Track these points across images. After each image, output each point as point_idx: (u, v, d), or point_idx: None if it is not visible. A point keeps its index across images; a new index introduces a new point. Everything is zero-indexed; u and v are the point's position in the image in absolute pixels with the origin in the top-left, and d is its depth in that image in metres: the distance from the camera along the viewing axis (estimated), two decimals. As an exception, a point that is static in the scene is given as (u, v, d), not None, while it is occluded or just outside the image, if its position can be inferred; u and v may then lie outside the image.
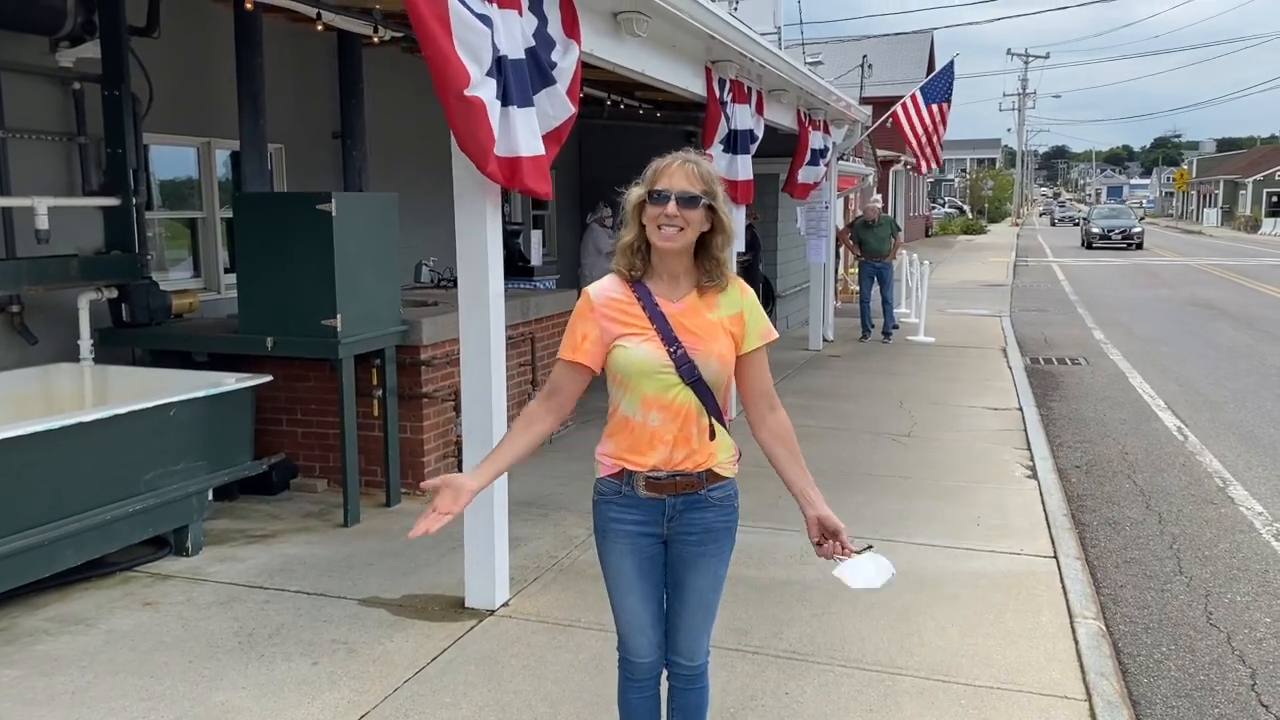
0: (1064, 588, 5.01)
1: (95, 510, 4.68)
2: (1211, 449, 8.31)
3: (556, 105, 4.67)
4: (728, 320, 2.73)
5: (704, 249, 2.71)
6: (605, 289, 2.76)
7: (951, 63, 14.48)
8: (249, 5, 6.29)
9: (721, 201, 2.70)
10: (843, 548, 2.80)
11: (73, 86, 6.16)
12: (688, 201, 2.63)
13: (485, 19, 4.06)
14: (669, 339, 2.68)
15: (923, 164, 14.82)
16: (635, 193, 2.72)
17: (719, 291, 2.74)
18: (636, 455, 2.74)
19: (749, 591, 4.88)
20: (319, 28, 7.04)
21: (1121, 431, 8.97)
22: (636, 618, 2.85)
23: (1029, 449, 7.82)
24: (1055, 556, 5.45)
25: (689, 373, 2.67)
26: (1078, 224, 60.44)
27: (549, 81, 4.60)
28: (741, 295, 2.77)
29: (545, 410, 2.78)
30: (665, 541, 2.82)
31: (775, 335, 2.83)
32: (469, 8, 3.96)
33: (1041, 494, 6.61)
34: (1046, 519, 6.10)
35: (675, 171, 2.66)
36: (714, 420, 2.74)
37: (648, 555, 2.80)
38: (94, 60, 6.02)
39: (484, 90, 3.98)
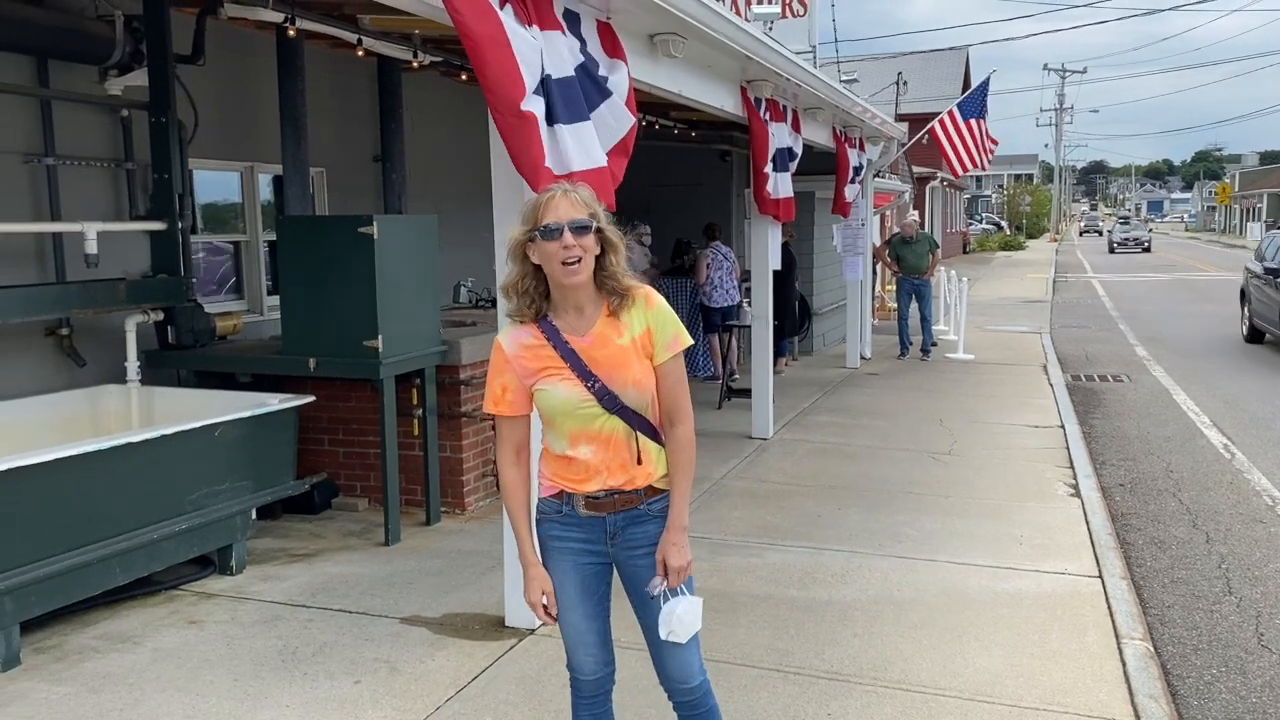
0: (1110, 608, 4.93)
1: (142, 530, 4.76)
2: (1259, 466, 8.16)
3: (618, 116, 4.67)
4: (638, 340, 2.71)
5: (600, 270, 2.69)
6: (516, 337, 2.75)
7: (988, 79, 14.41)
8: (291, 32, 6.40)
9: (605, 221, 2.69)
10: (667, 584, 2.75)
11: (121, 114, 6.30)
12: (580, 229, 2.60)
13: (532, 39, 4.10)
14: (584, 374, 2.67)
15: (965, 165, 14.62)
16: (518, 231, 2.67)
17: (625, 309, 2.71)
18: (573, 483, 2.77)
19: (791, 612, 4.85)
20: (360, 53, 7.15)
21: (1166, 449, 8.83)
22: (579, 634, 2.86)
23: (1071, 467, 7.72)
24: (1100, 576, 5.38)
25: (611, 403, 2.68)
26: (1101, 234, 74.53)
27: (606, 94, 4.61)
28: (647, 309, 2.73)
29: (523, 473, 2.83)
30: (613, 563, 2.83)
31: (684, 343, 2.77)
32: (515, 26, 4.00)
33: (1085, 512, 6.52)
34: (1091, 538, 6.02)
35: (560, 203, 2.63)
36: (647, 439, 2.75)
37: (591, 573, 2.82)
38: (141, 88, 6.16)
39: (535, 106, 4.01)
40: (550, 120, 4.20)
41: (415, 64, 7.60)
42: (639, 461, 2.74)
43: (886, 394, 11.02)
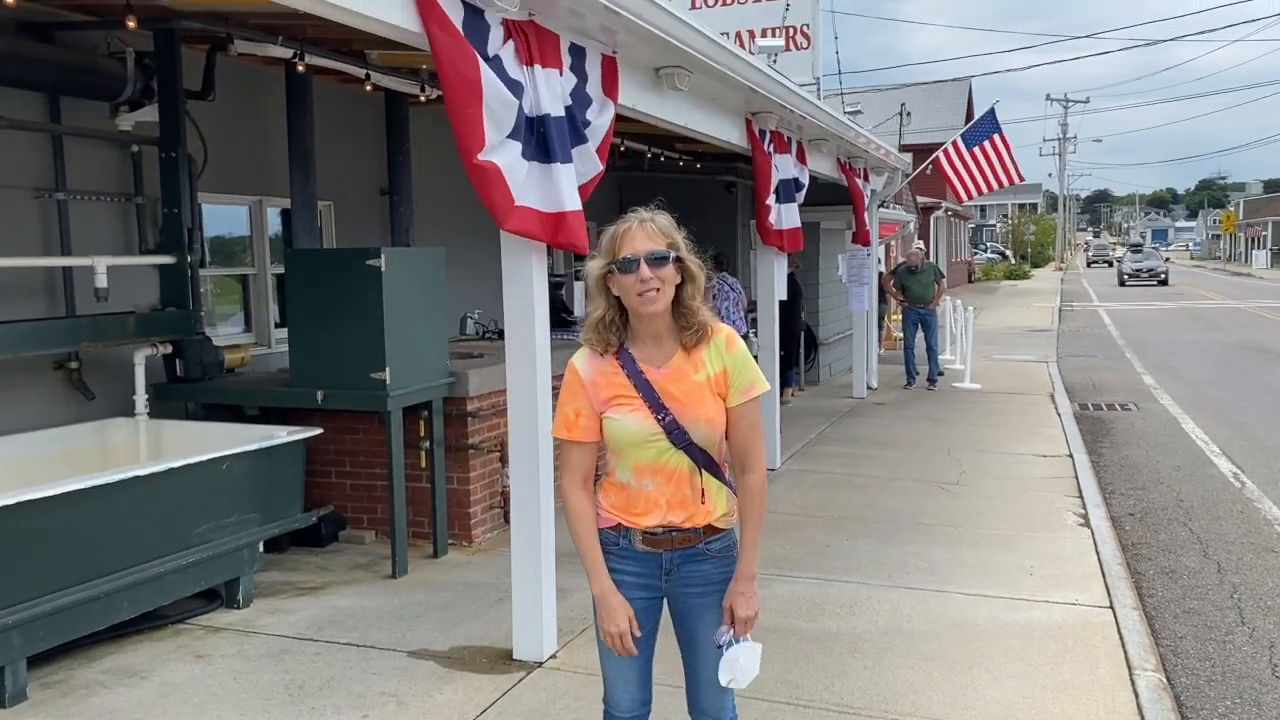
0: (1122, 639, 4.89)
1: (150, 563, 4.75)
2: (1270, 495, 8.11)
3: (587, 162, 4.79)
4: (713, 379, 2.68)
5: (677, 301, 2.67)
6: (592, 362, 2.73)
7: (993, 109, 14.50)
8: (300, 68, 6.47)
9: (685, 250, 2.67)
10: (733, 632, 2.72)
11: (131, 149, 6.36)
12: (658, 261, 2.58)
13: (517, 84, 4.17)
14: (656, 406, 2.64)
15: (980, 187, 14.56)
16: (597, 265, 2.66)
17: (703, 346, 2.69)
18: (631, 515, 2.74)
19: (800, 643, 4.82)
20: (368, 88, 7.22)
21: (1175, 478, 8.79)
22: (622, 670, 2.83)
23: (1080, 496, 7.68)
24: (1111, 607, 5.34)
25: (679, 438, 2.65)
26: (1111, 264, 68.82)
27: (582, 140, 4.73)
28: (726, 350, 2.70)
29: (591, 500, 2.77)
30: (665, 596, 2.80)
31: (761, 389, 2.73)
32: (503, 73, 4.07)
33: (1095, 542, 6.48)
34: (1101, 568, 5.98)
35: (636, 234, 2.61)
36: (712, 478, 2.72)
37: (641, 607, 2.78)
38: (152, 124, 6.22)
39: (501, 153, 4.08)
40: (548, 158, 4.26)
41: (423, 98, 7.66)
42: (701, 500, 2.71)
43: (894, 424, 10.99)
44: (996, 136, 14.29)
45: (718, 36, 5.97)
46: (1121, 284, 45.98)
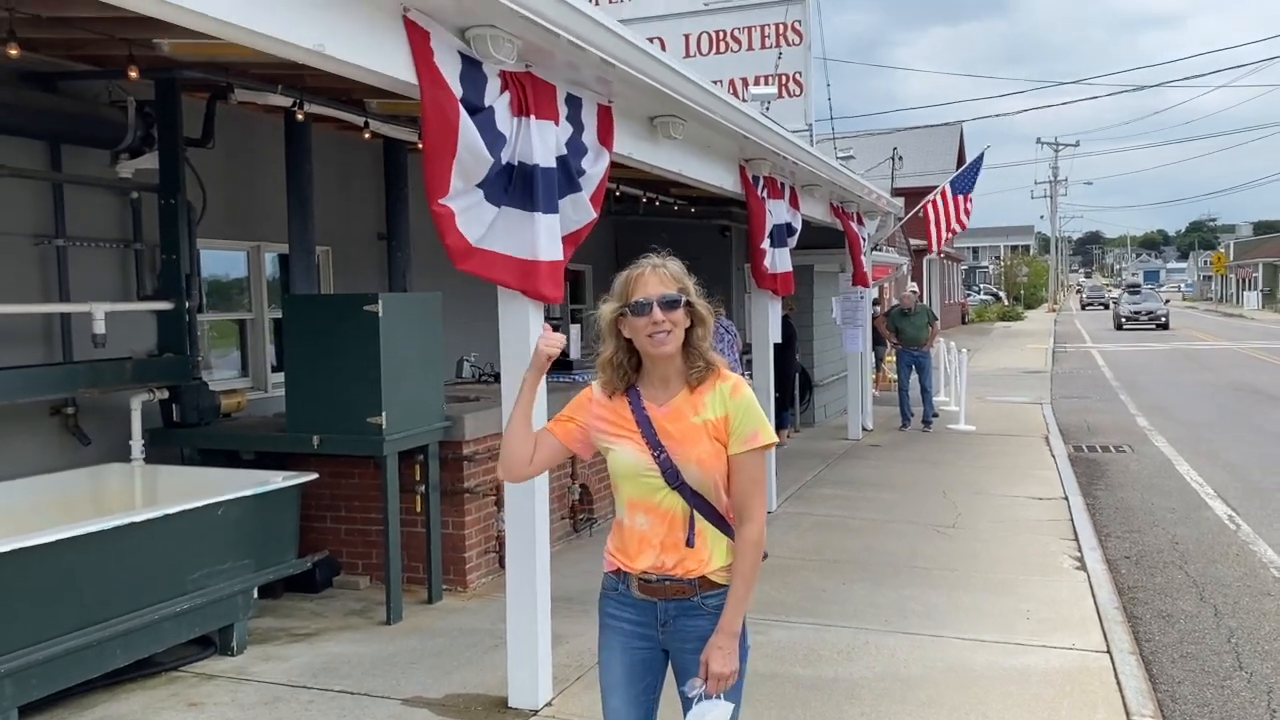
0: (1119, 684, 4.88)
1: (144, 610, 4.73)
2: (1266, 538, 8.11)
3: (580, 210, 4.85)
4: (712, 423, 2.69)
5: (687, 343, 2.72)
6: (604, 395, 2.82)
7: (981, 155, 14.68)
8: (300, 116, 6.55)
9: (695, 295, 2.73)
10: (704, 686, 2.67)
11: (130, 196, 6.42)
12: (669, 304, 2.66)
13: (500, 137, 4.24)
14: (653, 443, 2.68)
15: (933, 243, 15.13)
16: (609, 308, 2.73)
17: (708, 390, 2.72)
18: (627, 557, 2.75)
19: (797, 690, 4.80)
20: (366, 135, 7.30)
21: (1171, 520, 8.79)
22: (618, 717, 2.82)
23: (1076, 539, 7.68)
24: (1109, 651, 5.32)
25: (673, 477, 2.67)
26: (1107, 306, 63.88)
27: (575, 189, 4.79)
28: (731, 396, 2.71)
29: (530, 431, 2.85)
30: (665, 650, 2.79)
31: (767, 441, 2.72)
32: (491, 125, 4.15)
33: (1091, 586, 6.48)
34: (1098, 612, 5.97)
35: (649, 279, 2.69)
36: (708, 524, 2.71)
37: (640, 658, 2.78)
38: (152, 171, 6.28)
39: (459, 199, 4.16)
40: (529, 207, 4.34)
41: (421, 145, 7.73)
42: (691, 544, 2.70)
43: (890, 466, 11.00)
44: (970, 195, 14.66)
45: (711, 86, 6.07)
46: (1119, 327, 42.57)
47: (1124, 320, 42.77)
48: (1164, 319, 41.53)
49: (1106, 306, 65.47)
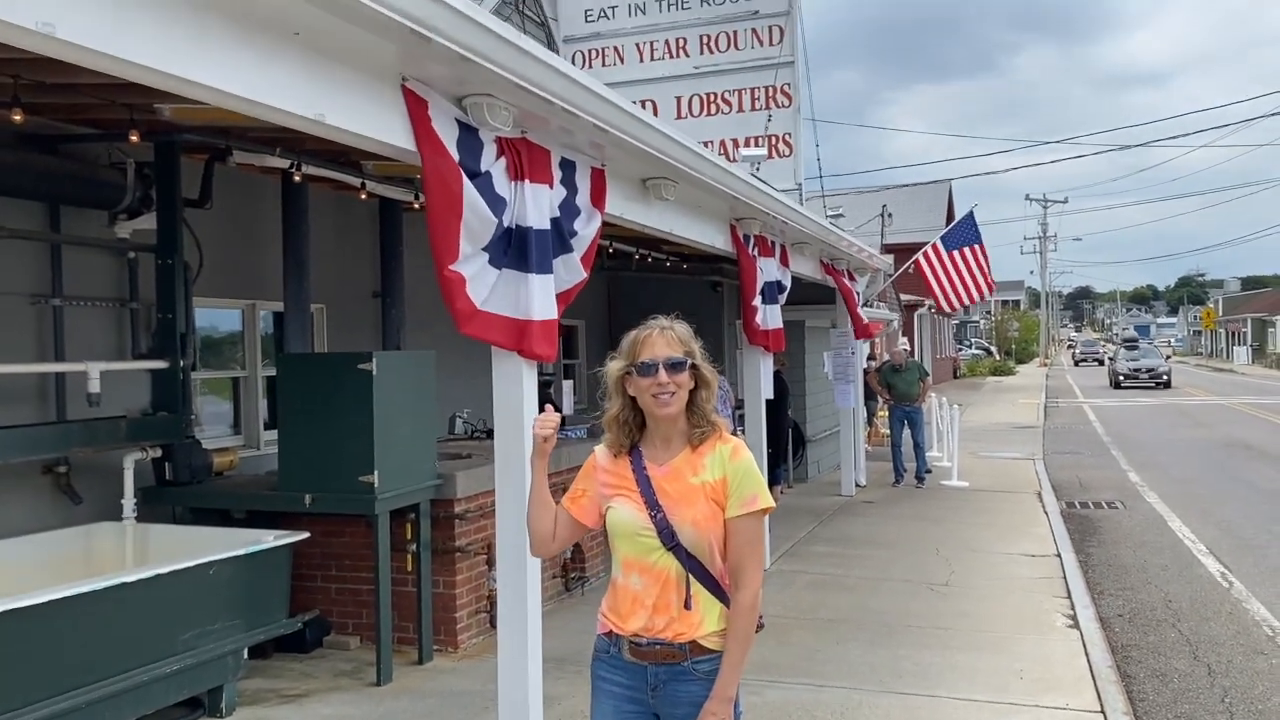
0: (1114, 745, 4.85)
1: (133, 671, 4.69)
2: (1258, 596, 8.11)
3: (571, 270, 4.94)
4: (710, 485, 2.72)
5: (691, 404, 2.78)
6: (607, 456, 2.86)
7: (971, 212, 14.87)
8: (297, 177, 6.64)
9: (700, 358, 2.79)
10: None
11: (128, 255, 6.47)
12: (674, 367, 2.71)
13: (501, 200, 4.33)
14: (650, 502, 2.71)
15: (963, 299, 15.05)
16: (616, 366, 2.79)
17: (708, 451, 2.76)
18: (619, 618, 2.76)
19: (788, 751, 4.76)
20: (363, 196, 7.39)
21: (1163, 578, 8.79)
22: None
23: (1069, 597, 7.67)
24: (1103, 711, 5.31)
25: (669, 537, 2.69)
26: (1102, 363, 60.84)
27: (567, 249, 4.89)
28: (731, 459, 2.75)
29: (551, 511, 2.88)
30: (657, 715, 2.78)
31: (765, 505, 2.74)
32: (490, 189, 4.23)
33: (1085, 644, 6.46)
34: (1091, 671, 5.95)
35: (656, 340, 2.75)
36: (702, 587, 2.71)
37: None
38: (149, 231, 6.34)
39: (469, 264, 4.22)
40: (524, 268, 4.41)
41: (416, 205, 7.84)
42: (687, 606, 2.70)
43: (883, 522, 10.99)
44: (977, 246, 14.68)
45: (701, 149, 6.18)
46: (1116, 386, 39.22)
47: (1122, 378, 39.72)
48: (1165, 377, 38.59)
49: (1101, 362, 62.87)
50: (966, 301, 15.16)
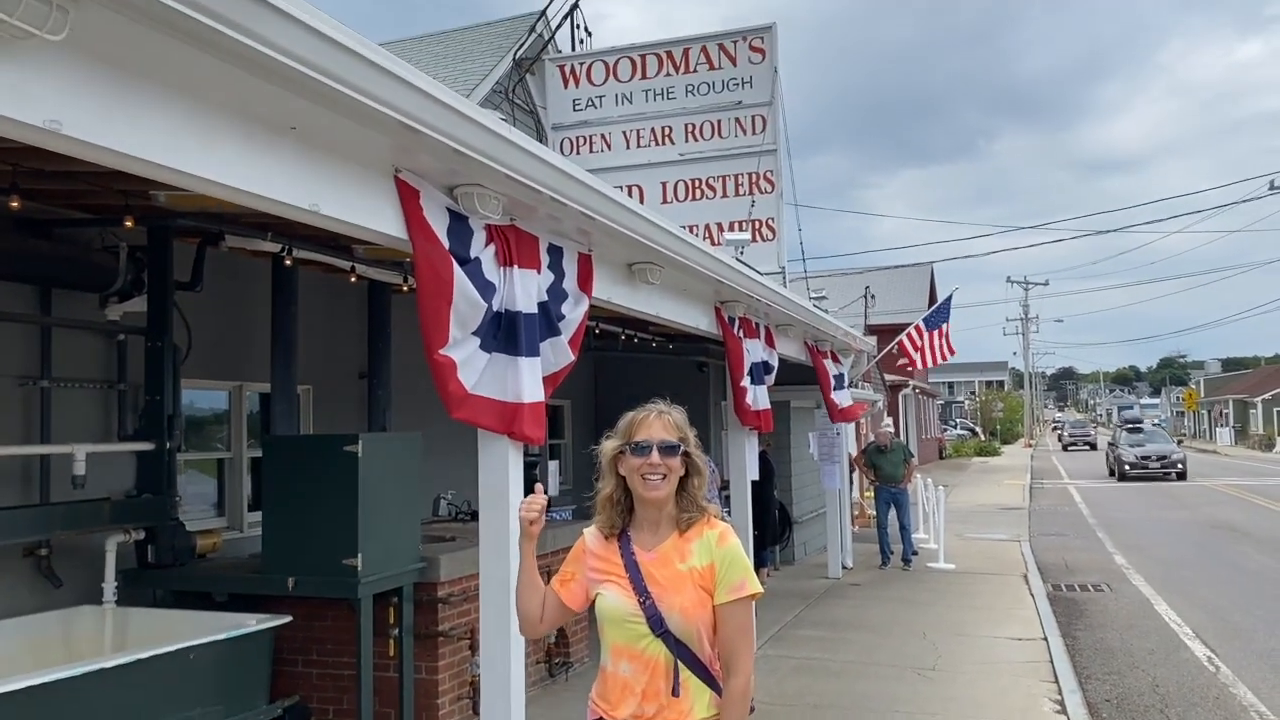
0: (1103, 835, 4.80)
1: (108, 760, 4.61)
2: (1245, 680, 8.07)
3: (559, 354, 5.03)
4: (698, 571, 2.73)
5: (681, 490, 2.81)
6: (597, 539, 2.88)
7: (950, 296, 15.16)
8: (288, 262, 6.73)
9: (694, 446, 2.84)
10: None
11: (118, 337, 6.51)
12: (668, 450, 2.76)
13: (490, 285, 4.41)
14: (639, 588, 2.72)
15: (927, 361, 15.76)
16: (611, 445, 2.84)
17: (695, 536, 2.77)
18: (609, 705, 2.76)
19: (775, 842, 4.69)
20: (353, 279, 7.48)
21: (1150, 662, 8.75)
22: None
23: (1056, 681, 7.62)
24: (1092, 800, 5.25)
25: (657, 624, 2.69)
26: (1094, 447, 56.48)
27: (555, 333, 4.98)
28: (718, 545, 2.77)
29: (540, 593, 2.89)
30: None
31: (753, 590, 2.75)
32: (479, 275, 4.32)
33: (1073, 731, 6.41)
34: (1080, 758, 5.90)
35: (653, 423, 2.80)
36: (691, 674, 2.71)
37: None
38: (139, 313, 6.38)
39: (459, 349, 4.30)
40: (513, 351, 4.48)
41: (405, 287, 7.93)
42: (675, 693, 2.69)
43: (870, 606, 10.93)
44: (946, 325, 15.34)
45: (686, 234, 6.31)
46: (1122, 478, 32.46)
47: (1128, 468, 32.50)
48: (1181, 465, 32.23)
49: (1093, 447, 57.02)
50: (931, 364, 16.09)
